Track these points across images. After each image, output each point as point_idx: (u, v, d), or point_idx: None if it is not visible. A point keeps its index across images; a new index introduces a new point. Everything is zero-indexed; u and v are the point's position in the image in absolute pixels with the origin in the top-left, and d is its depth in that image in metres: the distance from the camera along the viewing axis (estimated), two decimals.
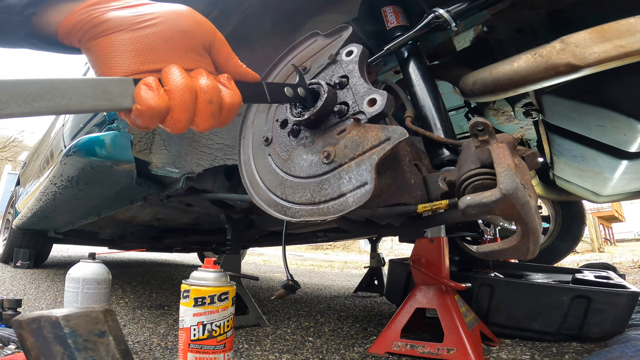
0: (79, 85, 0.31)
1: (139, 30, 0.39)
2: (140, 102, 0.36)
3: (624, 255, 6.61)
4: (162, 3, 0.42)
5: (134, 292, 2.27)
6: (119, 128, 1.21)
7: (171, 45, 0.40)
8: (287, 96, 0.53)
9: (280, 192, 0.68)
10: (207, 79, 0.41)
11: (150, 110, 0.36)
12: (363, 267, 3.24)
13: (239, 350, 1.20)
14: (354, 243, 12.93)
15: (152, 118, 0.37)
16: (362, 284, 2.73)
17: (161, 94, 0.37)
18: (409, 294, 1.30)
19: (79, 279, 1.09)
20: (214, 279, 0.95)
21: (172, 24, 0.41)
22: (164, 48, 0.40)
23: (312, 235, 2.50)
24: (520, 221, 0.48)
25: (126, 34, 0.38)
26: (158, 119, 0.37)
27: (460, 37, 1.08)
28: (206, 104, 0.40)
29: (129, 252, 4.96)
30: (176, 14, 0.42)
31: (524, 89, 0.76)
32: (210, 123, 0.41)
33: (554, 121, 1.10)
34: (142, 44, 0.39)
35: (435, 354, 1.12)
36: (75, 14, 0.39)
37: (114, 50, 0.38)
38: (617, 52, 0.62)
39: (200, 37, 0.43)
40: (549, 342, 1.31)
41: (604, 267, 2.49)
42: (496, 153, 0.53)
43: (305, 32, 0.80)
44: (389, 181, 0.67)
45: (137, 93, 0.36)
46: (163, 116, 0.37)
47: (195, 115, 0.39)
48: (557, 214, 2.80)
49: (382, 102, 0.60)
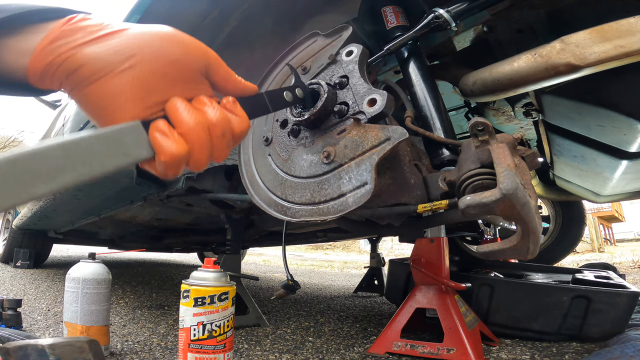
0: (93, 144, 0.29)
1: (128, 72, 0.34)
2: (161, 153, 0.34)
3: (624, 255, 6.61)
4: (135, 28, 0.37)
5: (134, 292, 2.27)
6: None
7: (167, 80, 0.36)
8: (287, 101, 0.52)
9: (280, 192, 0.68)
10: (215, 109, 0.37)
11: (173, 159, 0.34)
12: (363, 267, 3.24)
13: (239, 350, 1.20)
14: (354, 243, 12.94)
15: (178, 166, 0.35)
16: (362, 284, 2.73)
17: (177, 139, 0.35)
18: (409, 294, 1.30)
19: (79, 279, 1.09)
20: (214, 279, 0.95)
21: (161, 57, 0.36)
22: (160, 86, 0.36)
23: (312, 235, 2.50)
24: (520, 221, 0.48)
25: (115, 79, 0.34)
26: (183, 164, 0.36)
27: (460, 37, 1.08)
28: (220, 138, 0.37)
29: (129, 252, 4.96)
30: (159, 41, 0.36)
31: (524, 89, 0.76)
32: (227, 153, 0.39)
33: (554, 121, 1.10)
34: (138, 88, 0.35)
35: (435, 354, 1.12)
36: (42, 55, 0.34)
37: (109, 102, 0.34)
38: (617, 52, 0.62)
39: (193, 63, 0.38)
40: (549, 342, 1.31)
41: (604, 267, 2.49)
42: (496, 153, 0.53)
43: (305, 32, 0.80)
44: (389, 181, 0.67)
45: (155, 142, 0.34)
46: (186, 160, 0.36)
47: (212, 151, 0.37)
48: (557, 214, 2.80)
49: (382, 102, 0.60)
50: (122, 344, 1.23)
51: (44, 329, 1.39)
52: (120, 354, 1.14)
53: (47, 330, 1.36)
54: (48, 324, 1.46)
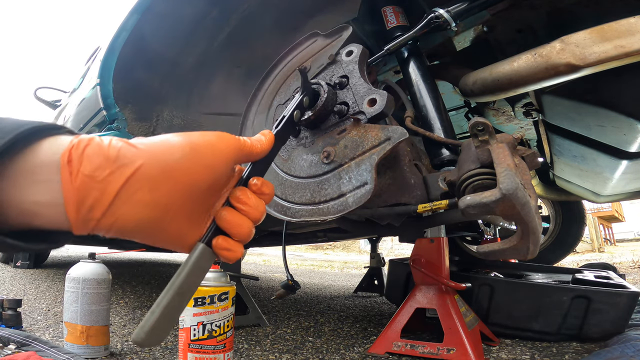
0: (190, 279, 0.37)
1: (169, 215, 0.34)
2: (230, 261, 0.39)
3: (624, 255, 6.61)
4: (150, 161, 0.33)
5: (134, 292, 2.27)
6: (119, 128, 1.21)
7: (204, 202, 0.38)
8: (296, 122, 0.52)
9: (280, 192, 0.68)
10: (255, 206, 0.40)
11: (239, 256, 0.40)
12: (363, 267, 3.24)
13: (239, 350, 1.20)
14: (354, 243, 12.93)
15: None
16: (362, 284, 2.73)
17: (238, 246, 0.39)
18: (409, 294, 1.30)
19: (79, 279, 1.09)
20: (214, 279, 0.95)
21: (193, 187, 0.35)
22: (199, 206, 0.37)
23: (312, 235, 2.50)
24: (520, 221, 0.48)
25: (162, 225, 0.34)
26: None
27: (460, 37, 1.08)
28: (262, 216, 0.41)
29: (129, 252, 4.96)
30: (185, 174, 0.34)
31: (524, 89, 0.76)
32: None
33: (554, 121, 1.10)
34: (184, 219, 0.36)
35: (435, 354, 1.12)
36: (80, 224, 0.31)
37: (163, 242, 0.36)
38: (617, 52, 0.62)
39: (222, 177, 0.38)
40: (549, 342, 1.31)
41: (604, 267, 2.49)
42: (496, 153, 0.53)
43: (305, 32, 0.80)
44: (389, 181, 0.67)
45: (224, 256, 0.38)
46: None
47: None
48: (557, 214, 2.80)
49: (382, 102, 0.60)
50: (122, 344, 1.23)
51: (44, 329, 1.39)
52: (120, 354, 1.14)
53: (47, 330, 1.36)
54: (48, 324, 1.46)
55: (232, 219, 0.38)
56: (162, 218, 0.34)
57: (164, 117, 1.26)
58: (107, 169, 0.31)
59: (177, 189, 0.34)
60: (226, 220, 0.38)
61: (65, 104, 1.99)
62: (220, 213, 0.38)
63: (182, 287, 0.36)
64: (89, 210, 0.31)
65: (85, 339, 1.07)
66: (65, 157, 0.31)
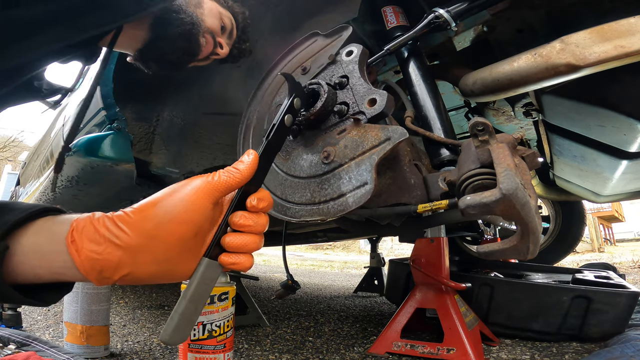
0: (201, 289, 0.42)
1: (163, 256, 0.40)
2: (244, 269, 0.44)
3: (624, 255, 6.60)
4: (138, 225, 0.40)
5: (134, 292, 2.27)
6: (119, 128, 1.21)
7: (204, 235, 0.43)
8: (289, 127, 0.52)
9: (280, 192, 0.68)
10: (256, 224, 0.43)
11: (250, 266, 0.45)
12: (363, 267, 3.24)
13: (239, 350, 1.20)
14: (354, 243, 12.93)
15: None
16: (362, 284, 2.73)
17: (242, 258, 0.43)
18: (409, 294, 1.30)
19: None
20: None
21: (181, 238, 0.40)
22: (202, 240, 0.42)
23: (312, 235, 2.50)
24: (520, 221, 0.48)
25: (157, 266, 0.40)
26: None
27: (460, 37, 1.08)
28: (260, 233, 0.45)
29: None
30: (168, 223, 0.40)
31: (524, 89, 0.76)
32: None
33: (554, 121, 1.10)
34: (189, 261, 0.42)
35: (435, 354, 1.12)
36: (97, 281, 0.40)
37: (179, 279, 0.43)
38: (617, 52, 0.62)
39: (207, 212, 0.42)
40: (549, 342, 1.31)
41: (604, 267, 2.49)
42: (496, 153, 0.53)
43: (305, 32, 0.80)
44: (389, 181, 0.67)
45: (230, 267, 0.43)
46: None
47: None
48: (557, 214, 2.80)
49: (382, 102, 0.60)
50: (122, 344, 1.23)
51: (44, 328, 1.39)
52: (120, 354, 1.14)
53: (47, 330, 1.36)
54: (48, 324, 1.46)
55: (237, 242, 0.42)
56: (167, 268, 0.41)
57: (164, 117, 1.26)
58: (103, 246, 0.39)
59: (169, 248, 0.40)
60: (233, 246, 0.42)
61: (66, 104, 1.99)
62: (225, 240, 0.42)
63: (193, 297, 0.41)
64: (100, 273, 0.39)
65: (85, 339, 1.07)
66: (68, 239, 0.39)
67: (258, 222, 0.43)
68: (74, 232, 0.39)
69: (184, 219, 0.40)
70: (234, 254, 0.43)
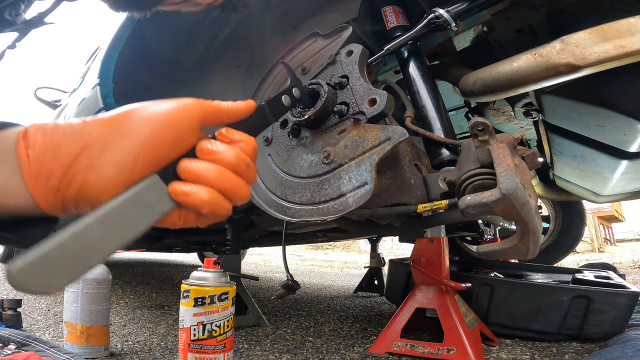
0: (123, 211, 0.30)
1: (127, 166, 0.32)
2: (196, 207, 0.34)
3: (624, 255, 6.61)
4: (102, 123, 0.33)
5: (134, 292, 2.27)
6: None
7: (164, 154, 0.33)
8: (286, 105, 0.51)
9: (280, 192, 0.68)
10: (220, 152, 0.35)
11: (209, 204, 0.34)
12: (363, 267, 3.24)
13: (239, 350, 1.20)
14: (354, 243, 12.93)
15: (216, 208, 0.34)
16: (362, 284, 2.73)
17: (196, 191, 0.33)
18: (409, 294, 1.30)
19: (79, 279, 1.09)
20: (214, 279, 0.95)
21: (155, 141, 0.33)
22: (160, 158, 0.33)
23: (312, 235, 2.50)
24: (520, 221, 0.48)
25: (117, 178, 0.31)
26: (221, 205, 0.35)
27: (460, 37, 1.08)
28: (243, 168, 0.36)
29: (129, 252, 4.96)
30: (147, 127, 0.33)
31: (524, 89, 0.76)
32: (254, 176, 0.39)
33: (554, 121, 1.10)
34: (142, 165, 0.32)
35: (435, 354, 1.12)
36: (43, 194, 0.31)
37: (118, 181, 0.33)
38: (617, 52, 0.62)
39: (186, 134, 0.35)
40: (549, 342, 1.31)
41: (604, 267, 2.49)
42: (496, 153, 0.53)
43: (305, 32, 0.80)
44: (389, 181, 0.67)
45: (181, 198, 0.33)
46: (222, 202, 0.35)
47: (239, 185, 0.36)
48: (557, 214, 2.80)
49: (382, 102, 0.60)
50: (122, 344, 1.23)
51: (44, 328, 1.39)
52: (120, 354, 1.14)
53: (47, 330, 1.36)
54: (48, 324, 1.46)
55: (194, 168, 0.34)
56: (124, 180, 0.32)
57: None
58: (62, 135, 0.31)
59: (135, 148, 0.32)
60: (188, 172, 0.34)
61: (66, 104, 1.99)
62: (180, 165, 0.34)
63: (109, 215, 0.29)
64: (47, 179, 0.31)
65: (85, 339, 1.07)
66: (21, 134, 0.32)
67: (227, 151, 0.35)
68: (30, 127, 0.32)
69: (170, 119, 0.33)
70: (189, 183, 0.33)
